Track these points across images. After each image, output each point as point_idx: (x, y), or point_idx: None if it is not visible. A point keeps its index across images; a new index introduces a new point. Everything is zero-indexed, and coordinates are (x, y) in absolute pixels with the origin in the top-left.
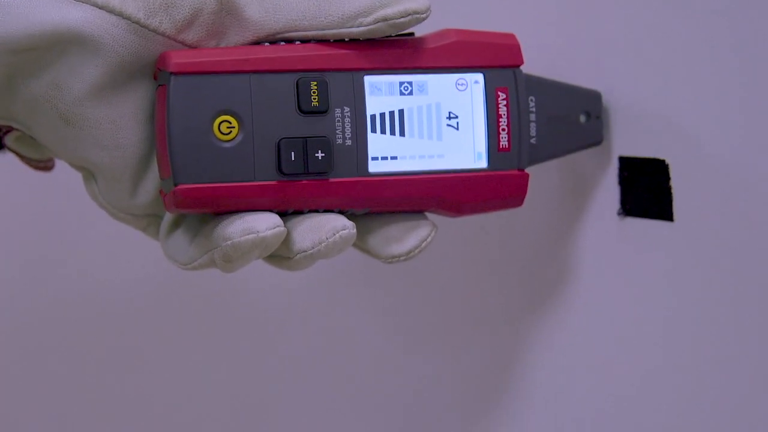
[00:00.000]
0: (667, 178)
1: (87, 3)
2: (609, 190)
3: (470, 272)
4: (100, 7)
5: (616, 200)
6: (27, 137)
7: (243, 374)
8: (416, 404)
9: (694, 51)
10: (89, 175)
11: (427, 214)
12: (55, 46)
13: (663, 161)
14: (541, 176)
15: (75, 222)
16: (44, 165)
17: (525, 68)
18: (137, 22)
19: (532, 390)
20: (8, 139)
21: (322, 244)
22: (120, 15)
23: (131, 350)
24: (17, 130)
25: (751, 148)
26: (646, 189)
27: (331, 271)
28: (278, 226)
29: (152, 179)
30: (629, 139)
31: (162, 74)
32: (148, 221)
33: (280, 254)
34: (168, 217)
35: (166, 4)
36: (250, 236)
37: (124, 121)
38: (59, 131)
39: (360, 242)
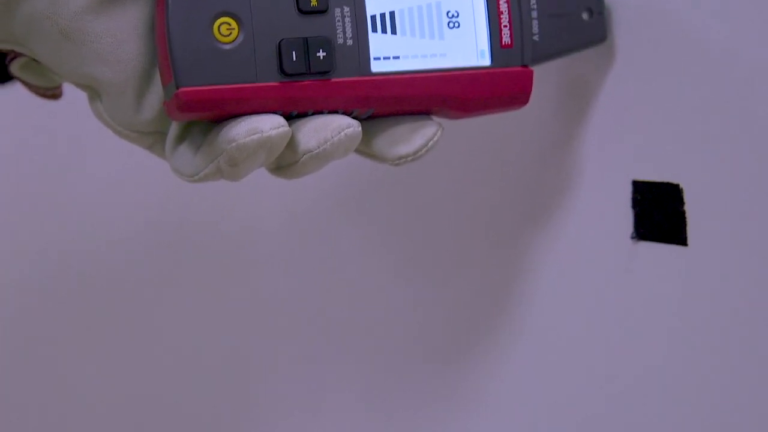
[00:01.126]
0: (681, 202)
1: None
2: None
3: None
4: None
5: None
6: (32, 64)
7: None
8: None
9: None
10: (94, 93)
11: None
12: None
13: (677, 185)
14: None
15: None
16: (52, 93)
17: None
18: None
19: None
20: (14, 67)
21: (328, 143)
22: None
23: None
24: (22, 55)
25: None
26: (660, 213)
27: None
28: (282, 126)
29: (155, 93)
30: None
31: None
32: (154, 138)
33: (286, 161)
34: (172, 132)
35: None
36: (255, 136)
37: (124, 34)
38: (61, 48)
39: (365, 146)
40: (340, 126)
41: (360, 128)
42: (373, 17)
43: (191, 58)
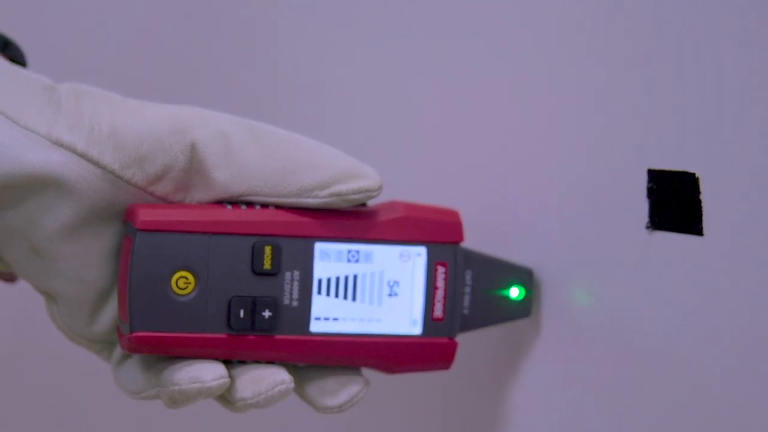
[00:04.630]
0: (698, 191)
1: (67, 149)
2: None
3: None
4: (80, 155)
5: None
6: None
7: None
8: None
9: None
10: (51, 299)
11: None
12: (33, 186)
13: (693, 174)
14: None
15: None
16: (10, 277)
17: (467, 239)
18: (112, 172)
19: None
20: None
21: (261, 396)
22: (96, 164)
23: None
24: None
25: None
26: (676, 202)
27: None
28: (223, 377)
29: (110, 311)
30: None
31: (129, 226)
32: (102, 346)
33: (224, 399)
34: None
35: (140, 158)
36: (196, 385)
37: (90, 258)
38: (28, 260)
39: (299, 389)
40: (274, 382)
41: (292, 385)
42: (320, 280)
43: (147, 307)
